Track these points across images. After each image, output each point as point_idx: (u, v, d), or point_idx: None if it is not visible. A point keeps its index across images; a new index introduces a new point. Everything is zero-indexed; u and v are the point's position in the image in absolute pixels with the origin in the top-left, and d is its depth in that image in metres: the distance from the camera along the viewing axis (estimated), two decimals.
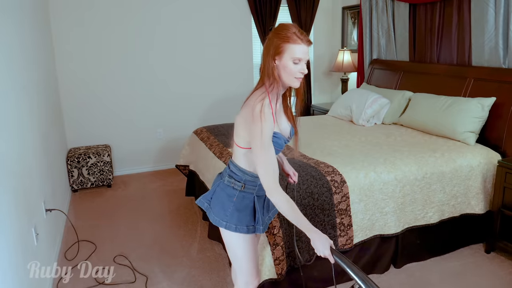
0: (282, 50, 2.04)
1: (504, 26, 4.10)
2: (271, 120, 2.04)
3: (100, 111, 6.01)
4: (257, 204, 2.28)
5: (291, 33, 2.02)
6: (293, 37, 2.02)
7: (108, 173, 5.67)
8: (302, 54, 2.03)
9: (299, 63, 2.05)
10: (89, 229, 4.50)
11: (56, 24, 5.54)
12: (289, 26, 2.05)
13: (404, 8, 5.42)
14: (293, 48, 2.02)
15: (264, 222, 2.36)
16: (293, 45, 2.02)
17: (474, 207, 3.81)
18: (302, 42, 2.02)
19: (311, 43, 2.09)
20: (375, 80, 5.95)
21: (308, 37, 2.06)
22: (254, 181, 2.25)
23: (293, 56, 2.03)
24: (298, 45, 2.02)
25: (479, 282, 3.44)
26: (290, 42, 2.02)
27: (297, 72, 2.06)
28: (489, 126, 4.14)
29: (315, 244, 2.00)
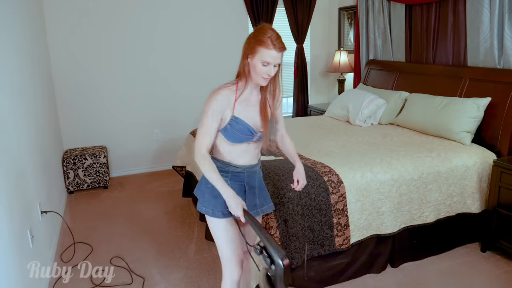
0: (255, 51, 2.25)
1: (499, 27, 4.12)
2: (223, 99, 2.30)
3: (96, 112, 6.00)
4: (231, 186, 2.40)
5: (266, 37, 2.21)
6: (267, 42, 2.20)
7: (105, 174, 5.66)
8: (271, 58, 2.23)
9: (267, 66, 2.25)
10: (85, 231, 4.49)
11: (51, 24, 5.52)
12: (267, 30, 2.24)
13: (400, 9, 5.43)
14: (264, 52, 2.22)
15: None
16: (264, 49, 2.22)
17: (470, 207, 3.82)
18: (273, 48, 2.21)
19: (284, 49, 2.28)
20: (372, 81, 5.96)
21: (282, 44, 2.26)
22: (224, 167, 2.43)
23: (262, 58, 2.23)
24: (269, 50, 2.21)
25: (475, 281, 3.46)
26: (263, 46, 2.21)
27: (264, 73, 2.26)
28: (485, 126, 4.15)
29: (229, 204, 2.27)
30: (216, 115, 2.30)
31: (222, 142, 2.40)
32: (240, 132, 2.33)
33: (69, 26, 5.62)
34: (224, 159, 2.44)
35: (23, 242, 2.92)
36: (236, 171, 2.44)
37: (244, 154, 2.43)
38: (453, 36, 4.75)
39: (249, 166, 2.47)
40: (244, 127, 2.33)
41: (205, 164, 2.30)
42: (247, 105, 2.37)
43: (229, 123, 2.32)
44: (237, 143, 2.37)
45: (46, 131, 4.52)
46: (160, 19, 6.07)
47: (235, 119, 2.32)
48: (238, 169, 2.44)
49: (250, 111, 2.38)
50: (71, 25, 5.63)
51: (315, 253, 3.24)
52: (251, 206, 2.51)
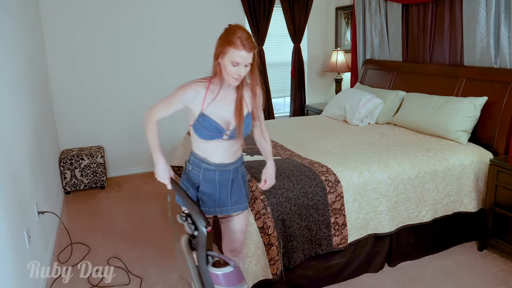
0: (224, 52, 2.25)
1: (495, 26, 4.13)
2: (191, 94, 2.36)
3: (93, 112, 6.00)
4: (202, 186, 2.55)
5: (236, 38, 2.21)
6: (236, 42, 2.20)
7: (102, 174, 5.65)
8: (240, 59, 2.23)
9: (237, 66, 2.25)
10: (82, 231, 4.49)
11: (47, 24, 5.51)
12: (237, 30, 2.24)
13: (396, 9, 5.44)
14: (234, 53, 2.22)
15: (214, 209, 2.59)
16: (233, 50, 2.21)
17: (466, 206, 3.83)
18: (243, 49, 2.21)
19: (254, 49, 2.26)
20: (369, 80, 5.97)
21: (252, 44, 2.24)
22: (198, 163, 2.54)
23: (232, 59, 2.23)
24: (239, 50, 2.21)
25: (472, 279, 3.46)
26: (232, 46, 2.21)
27: (235, 73, 2.27)
28: (481, 125, 4.16)
29: (157, 171, 2.53)
30: (178, 101, 2.40)
31: (197, 138, 2.46)
32: (206, 129, 2.38)
33: (65, 26, 5.61)
34: (198, 155, 2.52)
35: (20, 243, 2.92)
36: (208, 168, 2.51)
37: (216, 151, 2.48)
38: (450, 35, 4.76)
39: (222, 164, 2.51)
40: (211, 124, 2.37)
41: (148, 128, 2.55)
42: (221, 104, 2.40)
43: (197, 120, 2.38)
44: (207, 139, 2.43)
45: (42, 131, 4.51)
46: (158, 19, 6.07)
47: (203, 116, 2.37)
48: (210, 166, 2.51)
49: (223, 110, 2.41)
50: (67, 25, 5.62)
51: (312, 253, 3.25)
52: (222, 204, 2.57)
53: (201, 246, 2.29)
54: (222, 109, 2.40)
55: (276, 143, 4.26)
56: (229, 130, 2.41)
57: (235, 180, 2.59)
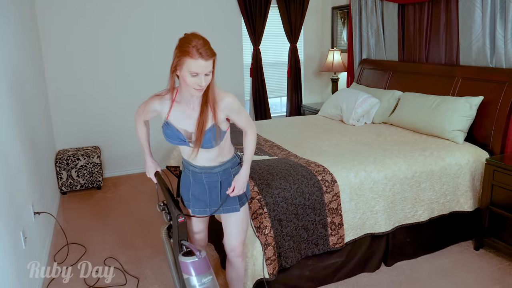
0: (181, 63, 2.15)
1: (491, 26, 4.14)
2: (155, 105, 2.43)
3: (89, 112, 5.98)
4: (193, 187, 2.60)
5: (191, 47, 2.10)
6: (192, 52, 2.10)
7: (98, 175, 5.64)
8: (198, 68, 2.12)
9: (196, 76, 2.15)
10: (78, 231, 4.48)
11: (43, 24, 5.50)
12: (191, 39, 2.14)
13: (393, 8, 5.45)
14: (190, 63, 2.12)
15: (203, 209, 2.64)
16: (190, 60, 2.11)
17: (463, 205, 3.83)
18: (199, 57, 2.10)
19: (212, 57, 2.16)
20: (365, 80, 5.98)
21: (209, 51, 2.14)
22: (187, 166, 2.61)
23: (190, 70, 2.13)
24: (195, 60, 2.10)
25: (468, 279, 3.47)
26: (187, 56, 2.11)
27: (195, 84, 2.17)
28: (477, 124, 4.17)
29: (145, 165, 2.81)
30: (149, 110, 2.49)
31: None
32: (168, 137, 2.41)
33: (61, 26, 5.60)
34: (184, 158, 2.59)
35: (16, 244, 2.91)
36: (194, 170, 2.55)
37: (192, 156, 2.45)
38: (446, 35, 4.77)
39: (206, 167, 2.51)
40: (173, 133, 2.38)
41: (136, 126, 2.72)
42: (184, 116, 2.38)
43: (162, 127, 2.43)
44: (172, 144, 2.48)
45: (38, 132, 4.50)
46: (154, 19, 6.06)
47: (167, 123, 2.40)
48: (196, 169, 2.54)
49: (186, 122, 2.38)
50: (63, 25, 5.61)
51: (309, 252, 3.25)
52: (214, 204, 2.60)
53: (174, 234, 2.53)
54: (184, 121, 2.38)
55: (273, 143, 4.26)
56: (191, 141, 2.38)
57: (225, 182, 2.57)
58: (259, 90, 6.98)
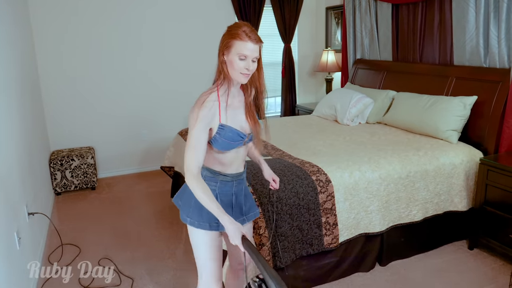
0: (230, 45, 2.12)
1: (484, 25, 4.15)
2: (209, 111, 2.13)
3: (83, 113, 5.97)
4: (221, 201, 2.32)
5: (241, 31, 2.09)
6: (241, 35, 2.09)
7: (92, 175, 5.63)
8: (248, 51, 2.10)
9: (245, 60, 2.12)
10: (73, 232, 4.46)
11: (36, 23, 5.48)
12: (240, 24, 2.14)
13: (386, 8, 5.46)
14: (240, 45, 2.10)
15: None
16: (239, 42, 2.09)
17: (457, 205, 3.85)
18: (249, 40, 2.09)
19: (261, 42, 2.15)
20: (359, 80, 5.99)
21: (258, 37, 2.13)
22: (213, 177, 2.30)
23: (239, 52, 2.10)
24: (245, 42, 2.09)
25: (462, 278, 3.48)
26: (237, 39, 2.10)
27: (243, 68, 2.12)
28: (471, 124, 4.19)
29: (228, 230, 2.07)
30: (204, 127, 2.14)
31: (211, 151, 2.27)
32: (230, 140, 2.22)
33: (55, 26, 5.58)
34: (212, 168, 2.31)
35: (10, 244, 2.90)
36: (225, 180, 2.33)
37: (234, 161, 2.33)
38: (440, 35, 4.78)
39: (237, 174, 2.37)
40: (233, 133, 2.22)
41: (198, 188, 2.10)
42: (233, 110, 2.26)
43: (218, 132, 2.19)
44: (228, 150, 2.26)
45: (32, 132, 4.48)
46: (146, 19, 6.05)
47: (223, 127, 2.19)
48: (227, 178, 2.33)
49: (236, 115, 2.28)
50: (57, 25, 5.59)
51: (304, 253, 3.25)
52: (238, 214, 2.42)
53: None
54: (236, 115, 2.28)
55: (267, 143, 4.26)
56: (247, 134, 2.32)
57: (246, 189, 2.50)
58: None
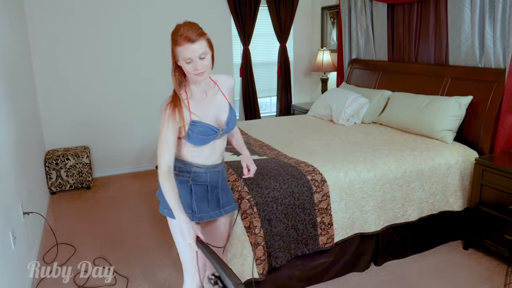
0: (176, 53, 2.17)
1: (480, 26, 4.16)
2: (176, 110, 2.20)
3: (79, 112, 5.95)
4: (195, 192, 2.39)
5: (179, 35, 2.11)
6: (179, 40, 2.11)
7: (87, 175, 5.61)
8: (190, 53, 2.12)
9: (191, 62, 2.14)
10: (68, 231, 4.45)
11: (32, 23, 5.46)
12: (179, 27, 2.15)
13: (382, 8, 5.46)
14: (181, 50, 2.12)
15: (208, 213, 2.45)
16: (180, 48, 2.12)
17: (452, 205, 3.85)
18: (187, 43, 2.10)
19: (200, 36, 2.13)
20: (355, 80, 5.99)
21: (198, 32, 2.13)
22: (187, 169, 2.37)
23: (183, 57, 2.14)
24: (184, 46, 2.11)
25: (457, 278, 3.49)
26: (178, 45, 2.13)
27: (193, 70, 2.15)
28: (466, 124, 4.19)
29: (181, 229, 2.15)
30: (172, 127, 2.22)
31: (188, 145, 2.34)
32: (203, 135, 2.27)
33: (50, 25, 5.56)
34: (187, 160, 2.38)
35: (5, 244, 2.89)
36: (198, 171, 2.39)
37: (211, 154, 2.40)
38: (435, 35, 4.79)
39: (213, 165, 2.43)
40: (206, 128, 2.27)
41: (164, 184, 2.20)
42: (204, 105, 2.32)
43: (190, 129, 2.25)
44: (203, 144, 2.33)
45: (27, 132, 4.47)
46: (142, 18, 6.04)
47: (194, 123, 2.25)
48: (201, 169, 2.39)
49: (208, 109, 2.33)
50: (52, 24, 5.57)
51: (299, 252, 3.25)
52: (214, 207, 2.47)
53: None
54: (208, 109, 2.33)
55: (263, 142, 4.26)
56: (221, 127, 2.35)
57: (223, 181, 2.54)
58: (249, 90, 6.97)
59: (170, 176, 2.22)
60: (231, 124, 2.40)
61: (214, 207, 2.47)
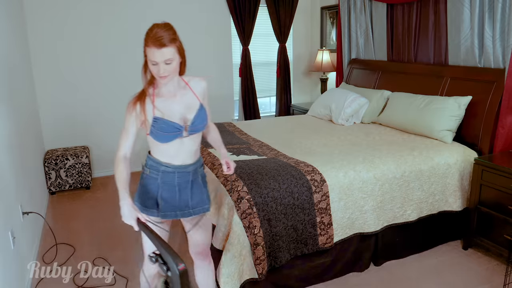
0: (145, 52, 2.19)
1: (479, 26, 4.16)
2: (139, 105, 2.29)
3: (78, 112, 5.94)
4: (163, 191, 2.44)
5: (150, 37, 2.12)
6: (149, 41, 2.12)
7: (87, 174, 5.61)
8: (156, 57, 2.12)
9: (156, 65, 2.15)
10: (67, 231, 4.45)
11: (31, 22, 5.45)
12: (152, 29, 2.15)
13: (381, 8, 5.46)
14: (149, 51, 2.14)
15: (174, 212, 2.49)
16: (148, 49, 2.14)
17: (451, 205, 3.85)
18: (154, 46, 2.10)
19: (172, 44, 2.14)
20: (354, 80, 5.99)
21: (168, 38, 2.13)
22: (156, 167, 2.43)
23: (150, 58, 2.16)
24: (152, 48, 2.11)
25: (457, 278, 3.49)
26: (146, 46, 2.15)
27: (156, 73, 2.18)
28: (466, 124, 4.20)
29: (123, 211, 2.27)
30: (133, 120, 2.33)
31: (156, 143, 2.38)
32: (164, 131, 2.29)
33: (50, 24, 5.56)
34: (156, 158, 2.44)
35: (4, 244, 2.89)
36: (166, 170, 2.42)
37: (179, 152, 2.40)
38: (434, 35, 4.79)
39: (182, 166, 2.43)
40: (168, 125, 2.29)
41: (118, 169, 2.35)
42: (171, 102, 2.33)
43: (152, 125, 2.29)
44: (169, 142, 2.34)
45: (26, 131, 4.46)
46: (142, 18, 6.02)
47: (156, 119, 2.28)
48: (169, 168, 2.41)
49: (174, 107, 2.34)
50: (52, 23, 5.57)
51: (298, 252, 3.25)
52: (183, 206, 2.48)
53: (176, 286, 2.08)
54: (174, 107, 2.33)
55: (262, 142, 4.26)
56: (186, 125, 2.34)
57: (195, 182, 2.51)
58: (248, 90, 6.97)
59: (124, 163, 2.37)
60: (197, 123, 2.37)
61: (183, 207, 2.48)
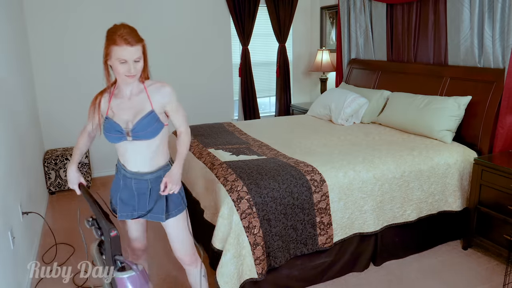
0: (109, 52, 2.20)
1: (479, 26, 4.16)
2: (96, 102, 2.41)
3: (78, 111, 5.91)
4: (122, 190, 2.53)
5: (117, 36, 2.14)
6: (117, 40, 2.14)
7: (87, 175, 5.61)
8: (126, 55, 2.17)
9: (125, 63, 2.19)
10: (67, 231, 4.45)
11: (32, 22, 5.45)
12: (118, 27, 2.18)
13: (381, 8, 5.46)
14: (117, 50, 2.16)
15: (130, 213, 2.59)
16: (116, 47, 2.16)
17: (451, 205, 3.85)
18: (125, 44, 2.13)
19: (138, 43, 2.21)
20: (354, 80, 5.99)
21: (137, 37, 2.20)
22: (119, 169, 2.53)
23: (118, 57, 2.18)
24: (122, 46, 2.15)
25: (457, 278, 3.49)
26: (115, 44, 2.16)
27: (126, 72, 2.21)
28: (465, 124, 4.20)
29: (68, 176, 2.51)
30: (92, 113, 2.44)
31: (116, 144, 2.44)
32: (107, 131, 2.37)
33: (51, 24, 5.55)
34: (119, 161, 2.53)
35: (4, 244, 2.89)
36: (125, 175, 2.48)
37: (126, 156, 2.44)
38: (434, 35, 4.79)
39: (138, 173, 2.44)
40: (111, 126, 2.33)
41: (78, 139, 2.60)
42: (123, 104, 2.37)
43: (103, 123, 2.40)
44: (115, 143, 2.41)
45: (26, 131, 4.46)
46: (141, 17, 6.02)
47: (106, 119, 2.37)
48: (127, 173, 2.47)
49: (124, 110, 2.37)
50: (53, 23, 5.56)
51: (298, 252, 3.25)
52: (141, 210, 2.53)
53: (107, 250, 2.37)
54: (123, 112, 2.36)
55: (262, 142, 4.26)
56: (128, 129, 2.33)
57: (154, 190, 2.47)
58: (248, 90, 6.97)
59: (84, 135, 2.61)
60: (139, 130, 2.33)
61: (141, 208, 2.52)
